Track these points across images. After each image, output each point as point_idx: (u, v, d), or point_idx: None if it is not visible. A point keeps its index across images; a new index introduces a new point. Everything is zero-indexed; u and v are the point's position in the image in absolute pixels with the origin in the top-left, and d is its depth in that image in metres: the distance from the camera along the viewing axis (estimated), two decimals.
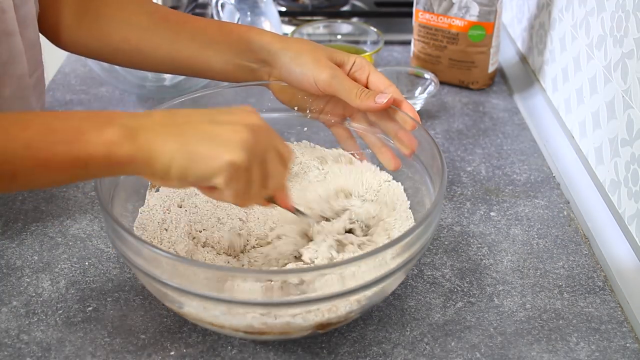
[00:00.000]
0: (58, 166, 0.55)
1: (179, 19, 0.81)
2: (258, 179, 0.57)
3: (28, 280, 0.73)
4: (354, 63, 0.75)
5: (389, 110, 0.75)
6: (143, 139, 0.55)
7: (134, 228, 0.70)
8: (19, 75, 0.77)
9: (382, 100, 0.72)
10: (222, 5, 1.13)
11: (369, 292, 0.60)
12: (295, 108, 0.80)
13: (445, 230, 0.81)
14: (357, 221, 0.73)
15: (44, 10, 0.81)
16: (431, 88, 1.03)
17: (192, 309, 0.60)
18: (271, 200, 0.62)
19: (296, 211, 0.67)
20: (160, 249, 0.58)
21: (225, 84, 0.81)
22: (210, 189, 0.57)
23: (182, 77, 1.01)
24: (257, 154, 0.56)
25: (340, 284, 0.57)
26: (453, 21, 1.07)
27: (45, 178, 0.57)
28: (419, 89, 1.05)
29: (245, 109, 0.59)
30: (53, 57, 1.08)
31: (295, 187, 0.77)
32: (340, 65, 0.75)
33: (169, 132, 0.55)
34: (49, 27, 0.83)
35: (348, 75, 0.75)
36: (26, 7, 0.77)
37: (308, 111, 0.80)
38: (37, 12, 0.80)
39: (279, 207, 0.64)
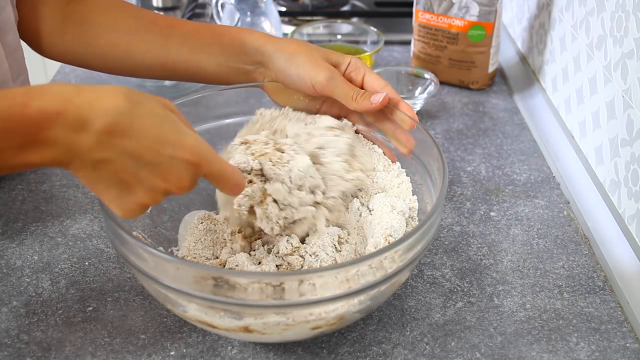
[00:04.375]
0: None
1: (168, 22, 0.80)
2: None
3: (28, 280, 0.73)
4: (349, 64, 0.75)
5: (386, 110, 0.75)
6: (70, 166, 0.54)
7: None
8: (0, 82, 0.76)
9: (378, 99, 0.72)
10: (222, 5, 1.13)
11: (370, 294, 0.60)
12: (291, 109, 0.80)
13: (445, 230, 0.81)
14: None
15: (24, 17, 0.80)
16: (431, 88, 1.03)
17: (192, 310, 0.60)
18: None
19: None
20: (159, 251, 0.58)
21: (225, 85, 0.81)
22: None
23: None
24: (155, 201, 0.57)
25: (340, 286, 0.57)
26: (453, 21, 1.07)
27: None
28: (419, 89, 1.05)
29: (188, 166, 0.55)
30: None
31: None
32: (335, 65, 0.75)
33: (91, 167, 0.53)
34: (30, 35, 0.81)
35: (343, 75, 0.75)
36: (4, 14, 0.75)
37: (304, 111, 0.80)
38: (16, 19, 0.79)
39: None
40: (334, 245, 0.69)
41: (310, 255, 0.68)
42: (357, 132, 0.79)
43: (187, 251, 0.71)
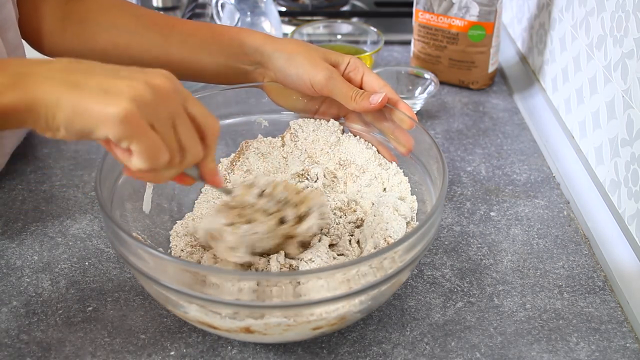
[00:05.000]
0: None
1: (167, 22, 0.80)
2: (169, 140, 0.53)
3: (28, 280, 0.73)
4: (348, 63, 0.75)
5: (385, 110, 0.75)
6: (29, 86, 0.51)
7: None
8: None
9: (377, 99, 0.72)
10: (222, 5, 1.13)
11: (370, 295, 0.60)
12: (290, 109, 0.80)
13: (445, 230, 0.81)
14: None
15: (24, 15, 0.80)
16: (431, 88, 1.03)
17: (192, 311, 0.60)
18: (197, 178, 0.59)
19: (225, 189, 0.65)
20: (158, 251, 0.58)
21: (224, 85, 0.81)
22: (123, 152, 0.53)
23: None
24: (155, 112, 0.52)
25: (341, 286, 0.57)
26: (453, 21, 1.07)
27: None
28: (419, 89, 1.05)
29: (160, 72, 0.54)
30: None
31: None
32: (334, 65, 0.75)
33: (62, 80, 0.51)
34: (30, 33, 0.82)
35: (342, 75, 0.75)
36: (5, 11, 0.75)
37: (303, 112, 0.80)
38: (16, 17, 0.79)
39: None
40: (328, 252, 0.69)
41: (306, 262, 0.67)
42: (355, 133, 0.80)
43: (181, 252, 0.71)
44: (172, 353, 0.65)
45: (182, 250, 0.70)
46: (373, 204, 0.74)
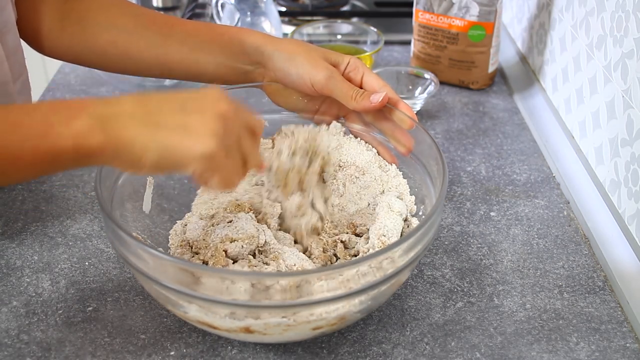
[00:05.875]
0: (27, 162, 0.55)
1: (167, 21, 0.80)
2: (237, 161, 0.59)
3: (28, 280, 0.73)
4: (348, 63, 0.75)
5: (385, 110, 0.75)
6: (113, 128, 0.55)
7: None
8: (1, 82, 0.76)
9: (377, 99, 0.72)
10: (222, 5, 1.13)
11: (370, 295, 0.60)
12: (290, 109, 0.80)
13: (445, 230, 0.81)
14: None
15: (23, 16, 0.80)
16: (431, 88, 1.03)
17: (192, 311, 0.60)
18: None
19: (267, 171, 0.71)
20: (158, 251, 0.58)
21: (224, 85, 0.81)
22: (198, 179, 0.58)
23: None
24: (228, 140, 0.57)
25: (341, 286, 0.57)
26: (453, 21, 1.07)
27: (15, 174, 0.58)
28: (419, 89, 1.05)
29: (212, 94, 0.59)
30: None
31: None
32: (334, 65, 0.75)
33: (141, 122, 0.56)
34: (30, 33, 0.81)
35: (342, 75, 0.75)
36: (4, 14, 0.75)
37: (303, 112, 0.80)
38: (15, 18, 0.79)
39: None
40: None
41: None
42: (355, 133, 0.80)
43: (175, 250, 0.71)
44: (172, 353, 0.65)
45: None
46: (369, 204, 0.75)
